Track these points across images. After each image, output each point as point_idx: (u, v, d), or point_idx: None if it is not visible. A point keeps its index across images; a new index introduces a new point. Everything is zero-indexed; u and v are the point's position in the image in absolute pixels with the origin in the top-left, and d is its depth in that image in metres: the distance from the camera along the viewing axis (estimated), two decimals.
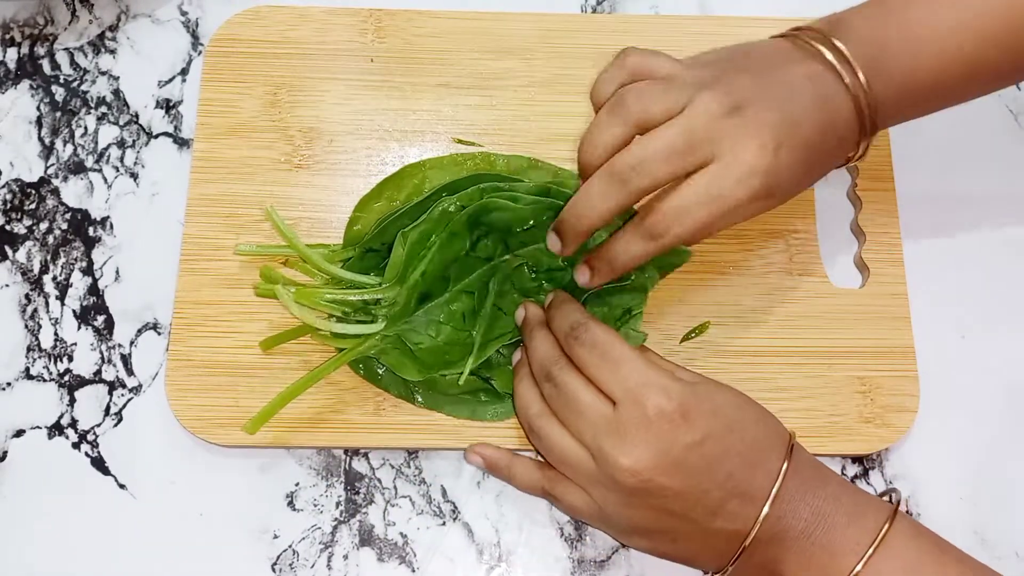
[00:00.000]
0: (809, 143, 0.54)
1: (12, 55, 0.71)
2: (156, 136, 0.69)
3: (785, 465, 0.52)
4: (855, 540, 0.51)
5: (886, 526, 0.51)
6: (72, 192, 0.67)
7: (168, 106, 0.70)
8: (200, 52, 0.71)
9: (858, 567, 0.50)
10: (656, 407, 0.51)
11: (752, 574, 0.54)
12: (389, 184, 0.64)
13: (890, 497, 0.54)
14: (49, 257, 0.66)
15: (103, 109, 0.69)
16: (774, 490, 0.51)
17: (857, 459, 0.62)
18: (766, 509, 0.51)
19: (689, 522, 0.52)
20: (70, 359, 0.63)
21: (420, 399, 0.61)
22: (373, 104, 0.68)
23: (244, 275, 0.63)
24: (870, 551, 0.50)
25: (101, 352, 0.64)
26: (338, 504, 0.61)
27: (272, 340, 0.61)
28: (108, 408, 0.62)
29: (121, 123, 0.69)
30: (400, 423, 0.61)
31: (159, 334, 0.64)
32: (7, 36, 0.71)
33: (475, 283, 0.60)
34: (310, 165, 0.66)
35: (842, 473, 0.62)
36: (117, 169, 0.68)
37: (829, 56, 0.55)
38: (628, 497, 0.52)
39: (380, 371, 0.61)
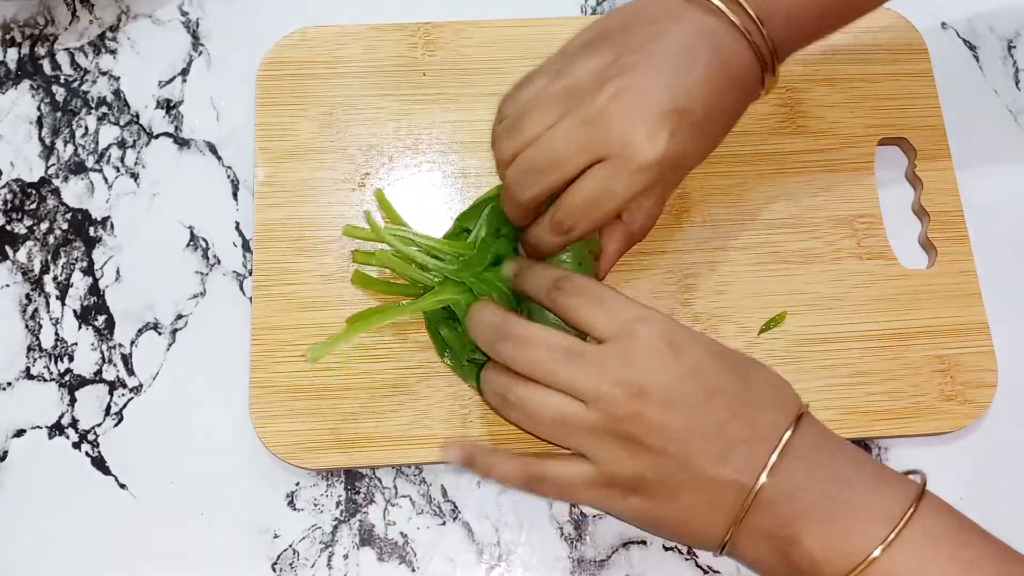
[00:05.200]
0: (711, 109, 0.54)
1: (12, 55, 0.71)
2: (156, 136, 0.69)
3: (795, 419, 0.51)
4: (883, 507, 0.49)
5: (916, 499, 0.49)
6: (73, 192, 0.67)
7: (168, 106, 0.70)
8: (200, 52, 0.71)
9: (890, 536, 0.48)
10: (650, 337, 0.51)
11: (760, 546, 0.51)
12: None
13: (917, 475, 0.53)
14: (50, 257, 0.66)
15: (103, 109, 0.69)
16: (782, 440, 0.50)
17: None
18: (774, 457, 0.50)
19: (690, 470, 0.50)
20: (70, 359, 0.63)
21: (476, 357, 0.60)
22: (429, 118, 0.68)
23: (318, 296, 0.63)
24: (903, 521, 0.48)
25: (101, 352, 0.64)
26: (338, 504, 0.61)
27: (360, 317, 0.61)
28: (108, 408, 0.62)
29: (122, 123, 0.69)
30: (491, 433, 0.61)
31: (159, 334, 0.64)
32: (8, 36, 0.71)
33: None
34: (372, 183, 0.66)
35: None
36: (118, 169, 0.68)
37: (717, 2, 0.54)
38: (625, 441, 0.51)
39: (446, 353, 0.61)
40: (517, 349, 0.54)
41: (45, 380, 0.63)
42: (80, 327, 0.64)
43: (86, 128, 0.69)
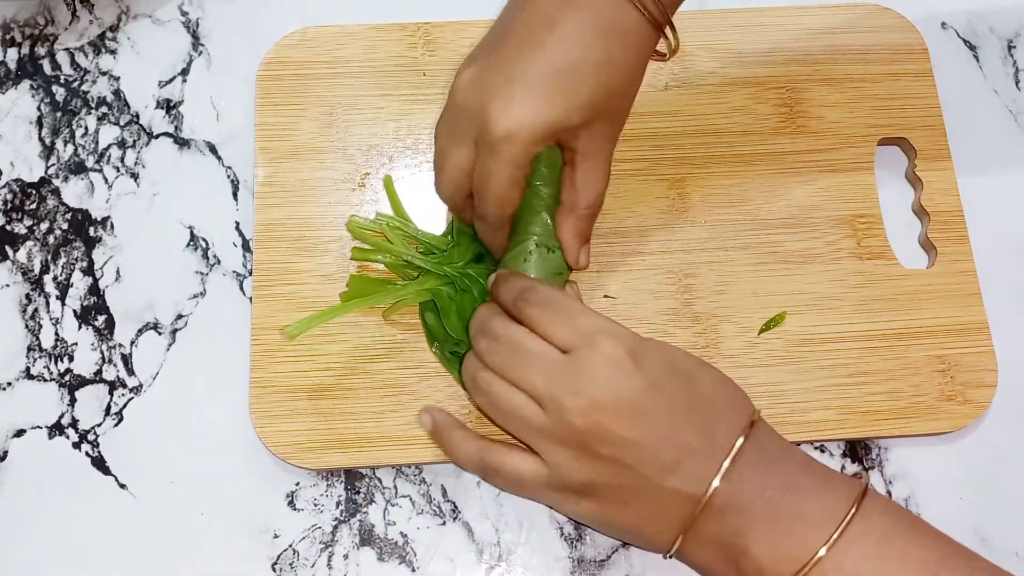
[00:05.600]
0: (574, 63, 0.53)
1: (13, 55, 0.71)
2: (156, 136, 0.69)
3: (747, 427, 0.52)
4: (829, 508, 0.50)
5: (859, 498, 0.50)
6: (73, 192, 0.67)
7: (168, 106, 0.70)
8: (200, 52, 0.71)
9: (834, 535, 0.48)
10: (611, 350, 0.51)
11: (707, 553, 0.52)
12: None
13: (860, 477, 0.54)
14: (50, 257, 0.66)
15: (103, 109, 0.69)
16: (734, 449, 0.51)
17: (857, 459, 0.62)
18: (726, 465, 0.50)
19: (642, 479, 0.51)
20: (71, 359, 0.63)
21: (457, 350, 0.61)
22: (429, 118, 0.68)
23: (318, 296, 0.63)
24: (846, 520, 0.49)
25: (102, 352, 0.64)
26: (338, 504, 0.61)
27: (355, 285, 0.62)
28: (108, 408, 0.62)
29: (122, 123, 0.69)
30: (487, 435, 0.60)
31: (159, 334, 0.64)
32: (8, 36, 0.71)
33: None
34: (372, 183, 0.66)
35: (841, 471, 0.62)
36: (118, 169, 0.68)
37: None
38: (580, 448, 0.51)
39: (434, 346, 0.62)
40: (490, 344, 0.55)
41: (45, 380, 0.63)
42: (80, 327, 0.64)
43: (86, 128, 0.69)
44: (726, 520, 0.50)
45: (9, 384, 0.63)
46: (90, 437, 0.62)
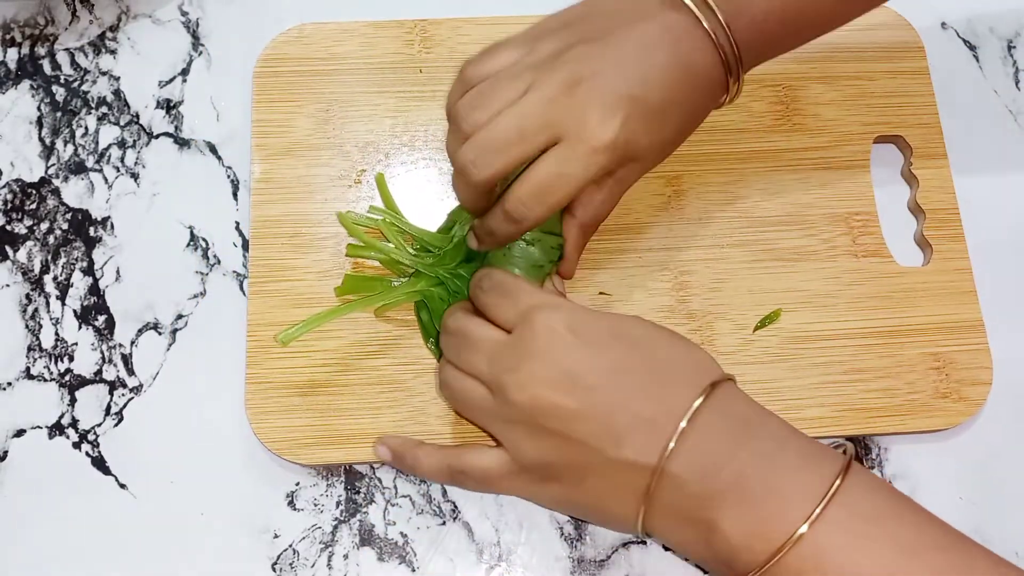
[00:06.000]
0: (666, 102, 0.54)
1: (13, 55, 0.71)
2: (157, 136, 0.69)
3: (707, 389, 0.49)
4: (808, 484, 0.46)
5: (842, 473, 0.46)
6: (73, 192, 0.67)
7: (169, 106, 0.70)
8: (200, 52, 0.71)
9: (814, 513, 0.45)
10: (547, 322, 0.51)
11: (675, 527, 0.50)
12: None
13: (844, 450, 0.49)
14: (50, 257, 0.66)
15: (104, 109, 0.69)
16: (688, 412, 0.48)
17: (857, 458, 0.62)
18: (680, 427, 0.48)
19: (593, 452, 0.49)
20: (71, 359, 0.64)
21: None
22: (425, 115, 0.68)
23: (314, 292, 0.63)
24: (827, 496, 0.45)
25: (102, 352, 0.64)
26: (338, 504, 0.61)
27: (350, 284, 0.62)
28: (109, 408, 0.63)
29: (122, 123, 0.69)
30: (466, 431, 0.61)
31: (159, 334, 0.64)
32: (8, 36, 0.71)
33: None
34: (368, 179, 0.66)
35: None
36: (118, 169, 0.68)
37: (687, 0, 0.54)
38: (528, 427, 0.51)
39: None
40: (446, 339, 0.56)
41: (45, 380, 0.63)
42: (80, 327, 0.64)
43: (86, 128, 0.69)
44: (688, 490, 0.48)
45: (9, 384, 0.63)
46: (90, 437, 0.62)
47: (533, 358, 0.51)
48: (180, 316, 0.65)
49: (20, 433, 0.62)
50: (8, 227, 0.66)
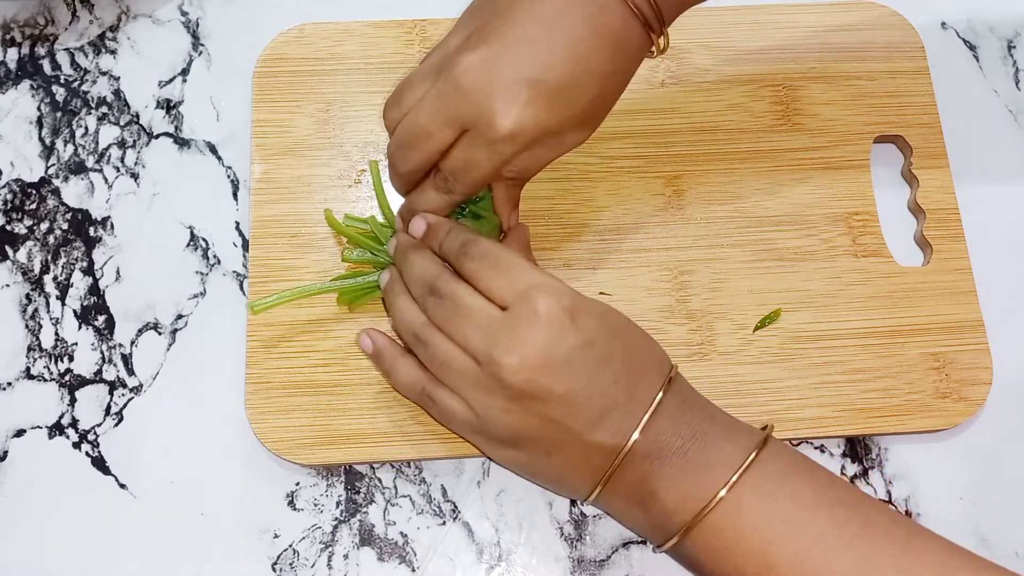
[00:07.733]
0: (576, 74, 0.53)
1: (13, 55, 0.71)
2: (157, 136, 0.69)
3: (666, 383, 0.53)
4: (730, 454, 0.52)
5: (760, 445, 0.52)
6: (73, 192, 0.67)
7: (168, 106, 0.70)
8: (200, 52, 0.71)
9: (733, 477, 0.51)
10: (547, 306, 0.52)
11: (620, 498, 0.54)
12: None
13: (764, 427, 0.55)
14: (50, 257, 0.66)
15: (104, 109, 0.69)
16: (655, 402, 0.52)
17: (857, 458, 0.62)
18: (645, 419, 0.52)
19: (568, 432, 0.52)
20: (71, 359, 0.64)
21: None
22: None
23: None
24: (745, 464, 0.51)
25: (102, 352, 0.64)
26: (338, 504, 0.61)
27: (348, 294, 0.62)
28: (108, 408, 0.63)
29: (122, 123, 0.69)
30: None
31: (159, 334, 0.64)
32: (8, 36, 0.72)
33: None
34: (368, 180, 0.67)
35: (841, 472, 0.62)
36: (118, 169, 0.68)
37: None
38: (510, 402, 0.52)
39: None
40: (435, 301, 0.55)
41: (45, 380, 0.63)
42: (80, 327, 0.64)
43: (86, 128, 0.69)
44: (640, 466, 0.52)
45: (9, 384, 0.63)
46: (90, 437, 0.62)
47: (533, 343, 0.51)
48: (180, 316, 0.65)
49: (20, 433, 0.62)
50: (8, 227, 0.66)
